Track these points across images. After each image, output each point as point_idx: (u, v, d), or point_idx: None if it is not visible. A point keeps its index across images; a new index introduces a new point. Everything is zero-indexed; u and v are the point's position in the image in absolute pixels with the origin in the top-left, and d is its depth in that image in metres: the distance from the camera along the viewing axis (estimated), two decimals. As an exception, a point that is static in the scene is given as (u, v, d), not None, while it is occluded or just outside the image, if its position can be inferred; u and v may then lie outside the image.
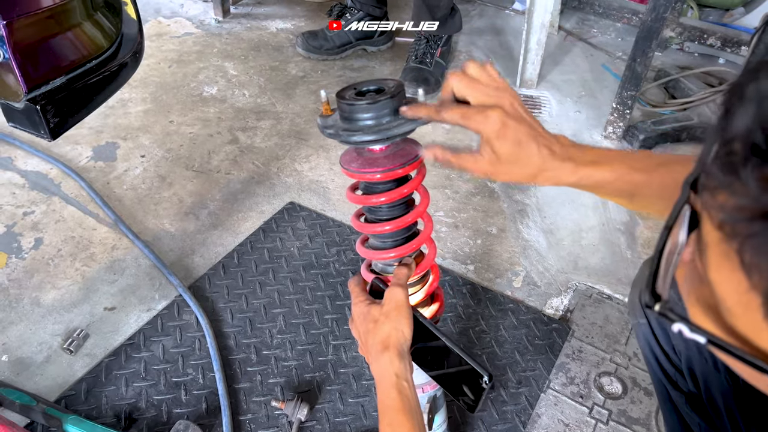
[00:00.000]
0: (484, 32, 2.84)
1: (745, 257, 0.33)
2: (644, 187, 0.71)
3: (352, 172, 0.81)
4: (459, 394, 0.83)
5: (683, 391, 0.87)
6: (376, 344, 0.79)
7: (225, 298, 1.51)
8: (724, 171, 0.34)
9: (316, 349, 1.40)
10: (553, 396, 1.34)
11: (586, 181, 0.71)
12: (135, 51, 1.09)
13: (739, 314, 0.35)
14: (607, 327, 1.48)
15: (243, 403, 1.29)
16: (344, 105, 0.76)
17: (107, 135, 2.03)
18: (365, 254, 0.89)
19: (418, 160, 0.82)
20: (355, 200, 0.85)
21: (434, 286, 0.94)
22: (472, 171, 0.74)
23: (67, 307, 1.47)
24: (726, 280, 0.35)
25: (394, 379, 0.76)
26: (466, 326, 1.47)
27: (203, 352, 1.39)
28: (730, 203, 0.33)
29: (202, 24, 2.75)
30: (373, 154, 0.80)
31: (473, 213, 1.81)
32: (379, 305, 0.82)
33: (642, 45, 1.90)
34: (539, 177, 0.71)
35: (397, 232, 0.86)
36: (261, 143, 2.05)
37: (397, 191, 0.82)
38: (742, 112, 0.34)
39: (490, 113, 0.69)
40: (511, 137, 0.69)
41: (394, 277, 0.85)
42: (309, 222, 1.74)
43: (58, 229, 1.68)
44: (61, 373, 1.33)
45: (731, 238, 0.33)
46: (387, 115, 0.75)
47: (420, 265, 0.90)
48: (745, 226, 0.32)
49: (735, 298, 0.35)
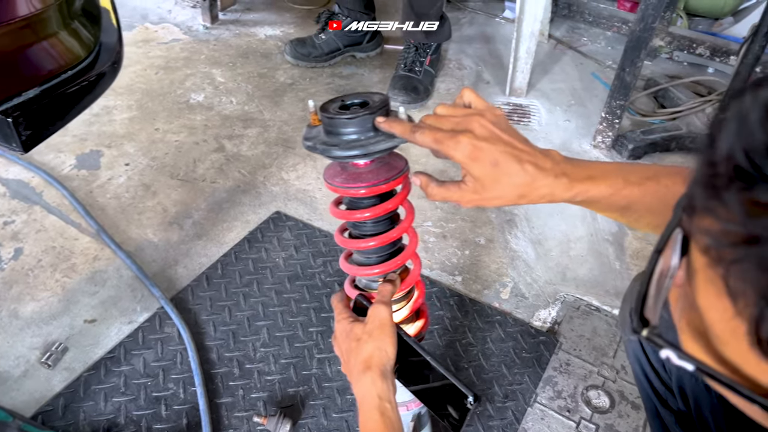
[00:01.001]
0: (474, 40, 2.83)
1: (730, 283, 0.32)
2: (637, 201, 0.70)
3: (335, 187, 0.79)
4: (443, 414, 0.81)
5: (673, 410, 0.86)
6: (358, 364, 0.77)
7: (208, 310, 1.49)
8: (707, 195, 0.33)
9: (300, 363, 1.38)
10: (540, 410, 1.32)
11: (582, 197, 0.69)
12: (114, 60, 1.07)
13: (727, 341, 0.34)
14: (595, 339, 1.47)
15: (224, 419, 1.27)
16: (326, 118, 0.74)
17: (91, 143, 2.01)
18: (349, 270, 0.87)
19: (403, 175, 0.80)
20: (338, 215, 0.84)
21: (419, 302, 0.92)
22: (458, 202, 0.71)
23: (46, 320, 1.44)
24: (713, 306, 0.34)
25: (376, 400, 0.74)
26: (453, 339, 1.45)
27: (185, 365, 1.36)
28: (715, 228, 0.32)
29: (190, 30, 2.73)
30: (357, 169, 0.79)
31: (461, 223, 1.79)
32: (362, 323, 0.80)
33: (631, 54, 1.90)
34: (531, 195, 0.69)
35: (381, 247, 0.84)
36: (247, 151, 2.03)
37: (382, 206, 0.80)
38: (725, 132, 0.33)
39: (460, 138, 0.67)
40: (486, 159, 0.67)
41: (378, 294, 0.83)
42: (295, 232, 1.72)
43: (39, 239, 1.65)
44: (39, 388, 1.30)
45: (716, 263, 0.33)
46: (369, 130, 0.73)
47: (405, 281, 0.88)
48: (729, 251, 0.31)
49: (722, 325, 0.34)
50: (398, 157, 0.82)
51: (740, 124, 0.32)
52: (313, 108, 0.79)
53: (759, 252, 0.30)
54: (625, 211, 0.71)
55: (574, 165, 0.70)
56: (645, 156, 2.08)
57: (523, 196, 0.69)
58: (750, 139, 0.31)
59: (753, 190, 0.30)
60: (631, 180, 0.69)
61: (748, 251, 0.30)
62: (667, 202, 0.68)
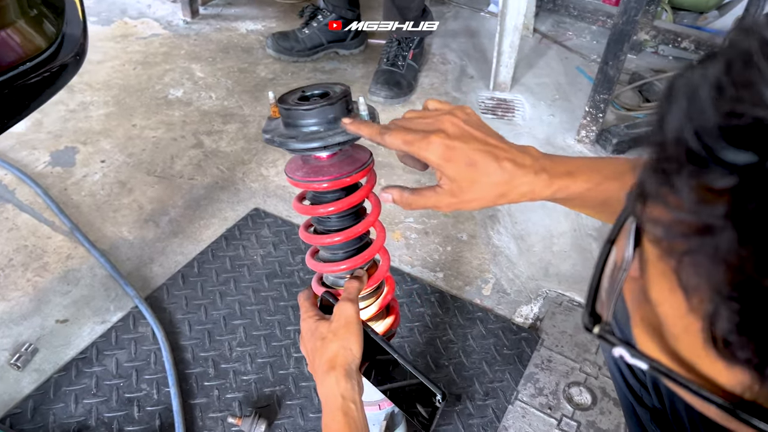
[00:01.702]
0: (458, 34, 2.81)
1: (683, 277, 0.29)
2: (615, 196, 0.67)
3: (296, 181, 0.76)
4: (413, 413, 0.79)
5: (648, 407, 0.84)
6: (323, 364, 0.74)
7: (183, 309, 1.45)
8: (657, 181, 0.30)
9: (276, 362, 1.35)
10: (521, 408, 1.30)
11: (562, 193, 0.67)
12: (77, 52, 1.03)
13: (680, 338, 0.32)
14: (577, 335, 1.45)
15: (198, 420, 1.24)
16: (284, 110, 0.71)
17: (66, 139, 1.96)
18: (315, 267, 0.84)
19: (368, 167, 0.78)
20: (302, 211, 0.81)
21: (388, 298, 0.90)
22: (435, 207, 0.68)
23: (16, 320, 1.40)
24: (666, 300, 0.32)
25: (339, 401, 0.72)
26: (434, 336, 1.43)
27: (158, 366, 1.33)
28: (665, 217, 0.30)
29: (169, 25, 2.69)
30: (319, 162, 0.76)
31: (443, 219, 1.77)
32: (327, 322, 0.78)
33: (614, 48, 1.88)
34: (511, 194, 0.66)
35: (347, 243, 0.82)
36: (226, 147, 1.99)
37: (346, 200, 0.78)
38: (673, 112, 0.30)
39: (432, 138, 0.64)
40: (461, 158, 0.64)
41: (344, 291, 0.80)
42: (274, 229, 1.69)
43: (11, 238, 1.61)
44: (7, 390, 1.27)
45: (668, 255, 0.30)
46: (328, 122, 0.70)
47: (373, 276, 0.85)
48: (681, 242, 0.29)
49: (675, 321, 0.32)
50: (362, 149, 0.79)
51: (689, 103, 0.29)
52: (273, 99, 0.76)
53: (712, 243, 0.27)
54: (603, 206, 0.69)
55: (553, 160, 0.67)
56: (629, 150, 2.07)
57: (502, 196, 0.66)
58: (700, 119, 0.28)
59: (705, 174, 0.27)
60: (608, 174, 0.67)
61: (700, 242, 0.27)
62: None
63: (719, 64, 0.29)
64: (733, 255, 0.26)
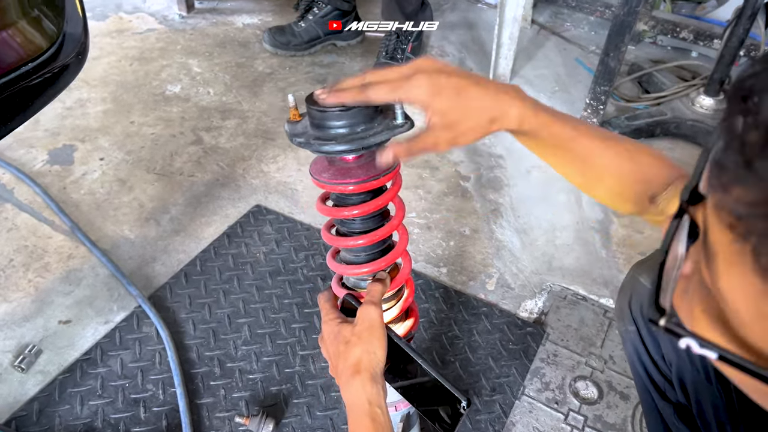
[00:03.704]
0: (456, 26, 2.79)
1: (761, 258, 0.30)
2: (599, 156, 0.69)
3: (322, 182, 0.75)
4: (434, 418, 0.78)
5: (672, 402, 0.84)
6: (347, 368, 0.73)
7: (187, 308, 1.45)
8: (737, 164, 0.31)
9: (282, 361, 1.35)
10: (527, 403, 1.30)
11: (546, 130, 0.67)
12: (79, 51, 1.02)
13: (752, 324, 0.32)
14: (583, 329, 1.45)
15: (206, 420, 1.23)
16: (315, 112, 0.70)
17: (64, 137, 1.95)
18: (337, 269, 0.83)
19: (394, 170, 0.76)
20: (326, 212, 0.79)
21: (409, 301, 0.89)
22: (434, 147, 0.67)
23: (18, 322, 1.39)
24: (737, 286, 0.32)
25: (366, 406, 0.71)
26: (439, 332, 1.43)
27: (164, 366, 1.32)
28: (745, 199, 0.31)
29: (165, 20, 2.66)
30: (345, 164, 0.74)
31: (446, 214, 1.76)
32: (351, 325, 0.76)
33: (615, 39, 1.87)
34: (503, 119, 0.66)
35: (371, 245, 0.81)
36: (226, 143, 1.98)
37: (372, 203, 0.76)
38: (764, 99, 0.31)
39: (415, 77, 0.64)
40: (448, 88, 0.64)
41: (367, 294, 0.79)
42: (276, 226, 1.68)
43: (10, 238, 1.59)
44: (12, 393, 1.26)
45: (745, 237, 0.31)
46: (361, 123, 0.69)
47: (395, 279, 0.84)
48: (761, 222, 0.30)
49: (747, 307, 0.32)
50: None
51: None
52: (293, 102, 0.75)
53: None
54: (585, 164, 0.71)
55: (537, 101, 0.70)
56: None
57: (494, 121, 0.66)
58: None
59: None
60: (593, 134, 0.69)
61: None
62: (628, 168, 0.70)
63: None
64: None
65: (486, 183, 1.88)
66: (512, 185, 1.87)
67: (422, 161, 1.94)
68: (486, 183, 1.88)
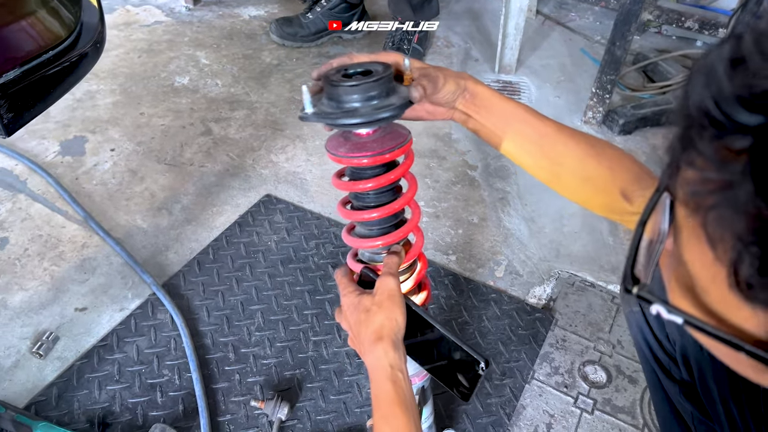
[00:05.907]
0: (462, 17, 2.80)
1: (709, 230, 0.33)
2: (572, 148, 0.78)
3: (339, 157, 0.77)
4: (453, 383, 0.80)
5: (676, 380, 0.85)
6: (369, 335, 0.76)
7: (201, 295, 1.47)
8: (683, 146, 0.35)
9: (295, 346, 1.37)
10: (537, 387, 1.32)
11: (499, 106, 0.78)
12: (96, 41, 1.04)
13: (709, 290, 0.36)
14: (591, 315, 1.47)
15: (221, 404, 1.26)
16: (330, 87, 0.72)
17: (75, 129, 1.96)
18: (352, 243, 0.86)
19: (407, 145, 0.79)
20: (341, 186, 0.82)
21: (422, 274, 0.92)
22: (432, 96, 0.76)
23: (35, 309, 1.42)
24: (696, 257, 0.36)
25: (388, 370, 0.73)
26: (449, 318, 1.45)
27: (179, 351, 1.34)
28: (692, 177, 0.34)
29: (172, 12, 2.68)
30: (360, 139, 0.77)
31: (454, 202, 1.78)
32: (370, 295, 0.79)
33: (621, 28, 1.88)
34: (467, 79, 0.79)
35: (385, 219, 0.83)
36: (235, 134, 2.00)
37: (386, 176, 0.79)
38: (695, 86, 0.35)
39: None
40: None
41: (384, 266, 0.82)
42: (286, 215, 1.70)
43: (25, 228, 1.61)
44: (31, 378, 1.28)
45: (695, 212, 0.34)
46: (376, 98, 0.72)
47: (409, 253, 0.87)
48: (706, 198, 0.33)
49: (703, 273, 0.36)
50: (401, 127, 0.80)
51: (708, 77, 0.33)
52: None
53: (732, 196, 0.31)
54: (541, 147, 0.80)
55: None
56: (636, 131, 2.07)
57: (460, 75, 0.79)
58: (719, 90, 0.32)
59: (725, 137, 0.32)
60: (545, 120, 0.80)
61: (723, 196, 0.32)
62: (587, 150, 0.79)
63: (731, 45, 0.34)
64: (752, 205, 0.30)
65: (493, 172, 1.90)
66: (519, 174, 1.89)
67: (430, 151, 1.95)
68: (493, 172, 1.90)
